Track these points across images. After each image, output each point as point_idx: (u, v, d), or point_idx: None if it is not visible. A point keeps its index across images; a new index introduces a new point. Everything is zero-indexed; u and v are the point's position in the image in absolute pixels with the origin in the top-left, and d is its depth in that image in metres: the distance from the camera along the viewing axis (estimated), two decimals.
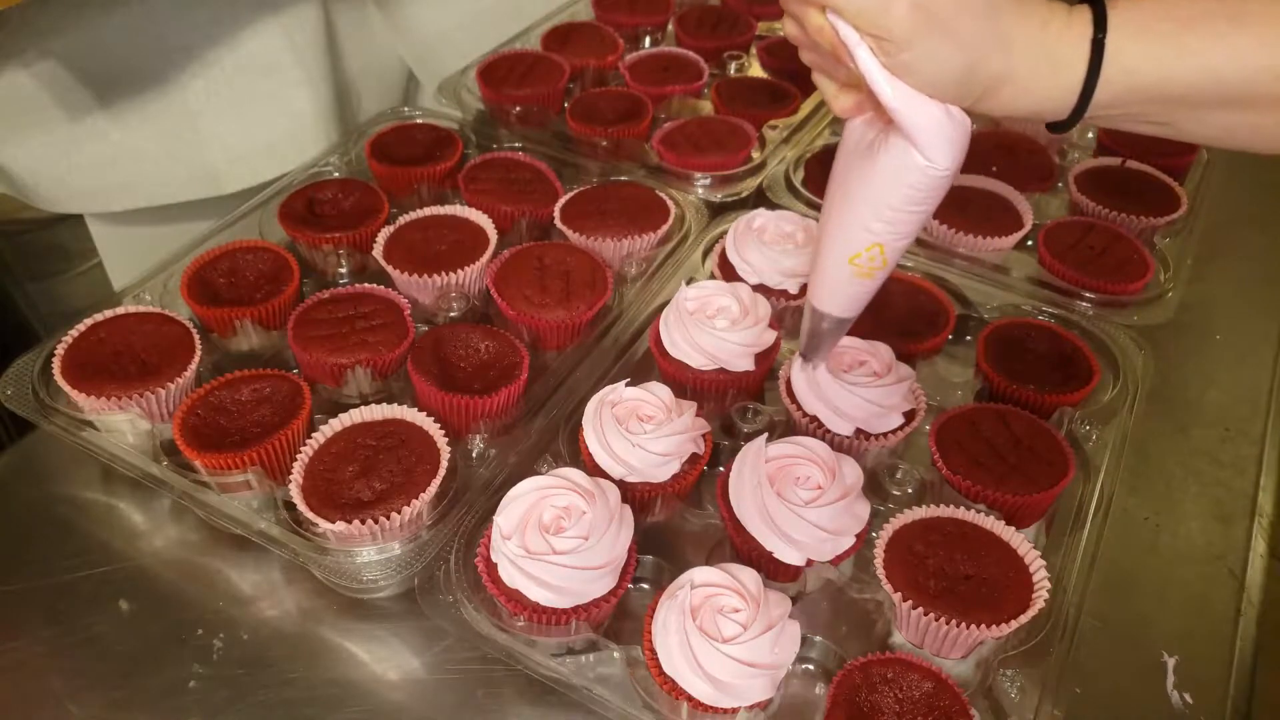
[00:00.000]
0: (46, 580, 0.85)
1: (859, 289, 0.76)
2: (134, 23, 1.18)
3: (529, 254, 1.05)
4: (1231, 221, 1.26)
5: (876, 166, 0.68)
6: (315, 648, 0.80)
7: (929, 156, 0.65)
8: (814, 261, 0.78)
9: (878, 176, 0.68)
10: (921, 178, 0.66)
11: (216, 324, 0.99)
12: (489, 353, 0.95)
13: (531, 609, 0.73)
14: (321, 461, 0.83)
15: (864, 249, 0.72)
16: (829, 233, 0.74)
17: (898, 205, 0.68)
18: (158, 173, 1.28)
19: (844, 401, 0.86)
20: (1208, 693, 0.78)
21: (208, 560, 0.86)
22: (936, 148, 0.65)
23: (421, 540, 0.81)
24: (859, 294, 0.76)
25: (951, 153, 0.65)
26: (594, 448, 0.83)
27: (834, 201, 0.73)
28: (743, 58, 1.49)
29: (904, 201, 0.68)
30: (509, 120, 1.32)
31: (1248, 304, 1.16)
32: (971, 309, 1.07)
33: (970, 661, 0.76)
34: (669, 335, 0.94)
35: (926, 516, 0.81)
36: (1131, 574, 0.86)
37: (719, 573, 0.73)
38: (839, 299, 0.77)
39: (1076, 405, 0.94)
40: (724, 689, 0.67)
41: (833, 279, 0.76)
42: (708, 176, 1.22)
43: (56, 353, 0.91)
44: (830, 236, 0.74)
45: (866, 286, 0.75)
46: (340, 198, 1.14)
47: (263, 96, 1.30)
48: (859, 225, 0.71)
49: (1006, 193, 1.18)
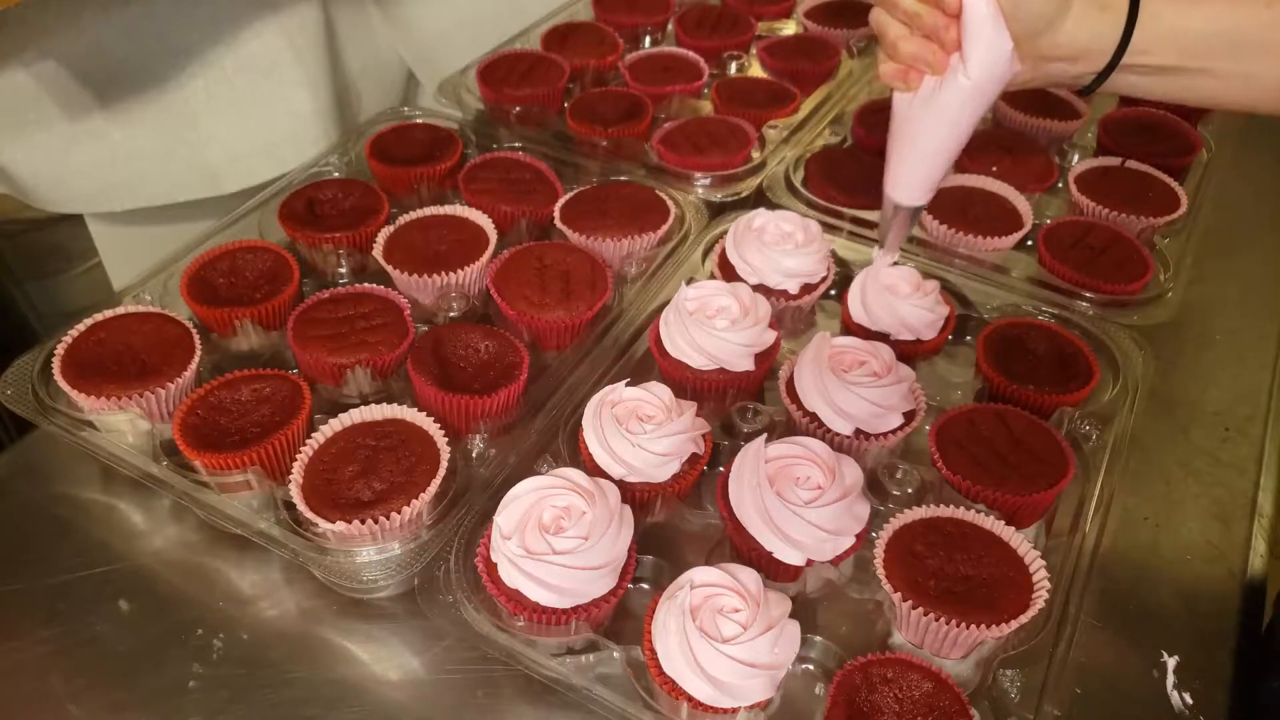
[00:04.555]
0: (46, 580, 0.85)
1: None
2: (134, 23, 1.18)
3: (529, 254, 1.05)
4: (1231, 221, 1.26)
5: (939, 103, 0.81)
6: (315, 648, 0.80)
7: (972, 73, 0.77)
8: (895, 167, 0.90)
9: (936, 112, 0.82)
10: (969, 98, 0.80)
11: (216, 324, 0.99)
12: (489, 353, 0.95)
13: (531, 609, 0.73)
14: (321, 461, 0.83)
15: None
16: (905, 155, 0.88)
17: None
18: (158, 173, 1.28)
19: (844, 401, 0.86)
20: (1208, 693, 0.78)
21: (208, 560, 0.86)
22: (984, 68, 0.77)
23: (421, 540, 0.81)
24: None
25: (995, 77, 0.78)
26: (594, 448, 0.83)
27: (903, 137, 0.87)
28: (743, 58, 1.49)
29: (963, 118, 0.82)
30: (509, 120, 1.32)
31: (1248, 304, 1.16)
32: (971, 309, 1.07)
33: (970, 661, 0.76)
34: (669, 335, 0.94)
35: (926, 516, 0.81)
36: (1131, 574, 0.86)
37: (719, 573, 0.73)
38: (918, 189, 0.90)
39: (1076, 405, 0.94)
40: (724, 689, 0.67)
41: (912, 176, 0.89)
42: (708, 176, 1.22)
43: (56, 353, 0.91)
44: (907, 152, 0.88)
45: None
46: (340, 198, 1.14)
47: (263, 96, 1.30)
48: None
49: (1006, 193, 1.18)
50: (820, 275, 1.06)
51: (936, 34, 0.78)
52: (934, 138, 0.84)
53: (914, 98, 0.83)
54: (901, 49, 0.80)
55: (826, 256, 1.06)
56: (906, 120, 0.85)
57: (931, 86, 0.81)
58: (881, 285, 1.00)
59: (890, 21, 0.81)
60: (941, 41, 0.78)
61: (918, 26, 0.79)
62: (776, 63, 1.44)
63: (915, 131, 0.85)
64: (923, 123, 0.84)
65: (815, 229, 1.07)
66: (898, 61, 0.82)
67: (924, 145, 0.85)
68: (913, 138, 0.85)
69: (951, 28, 0.77)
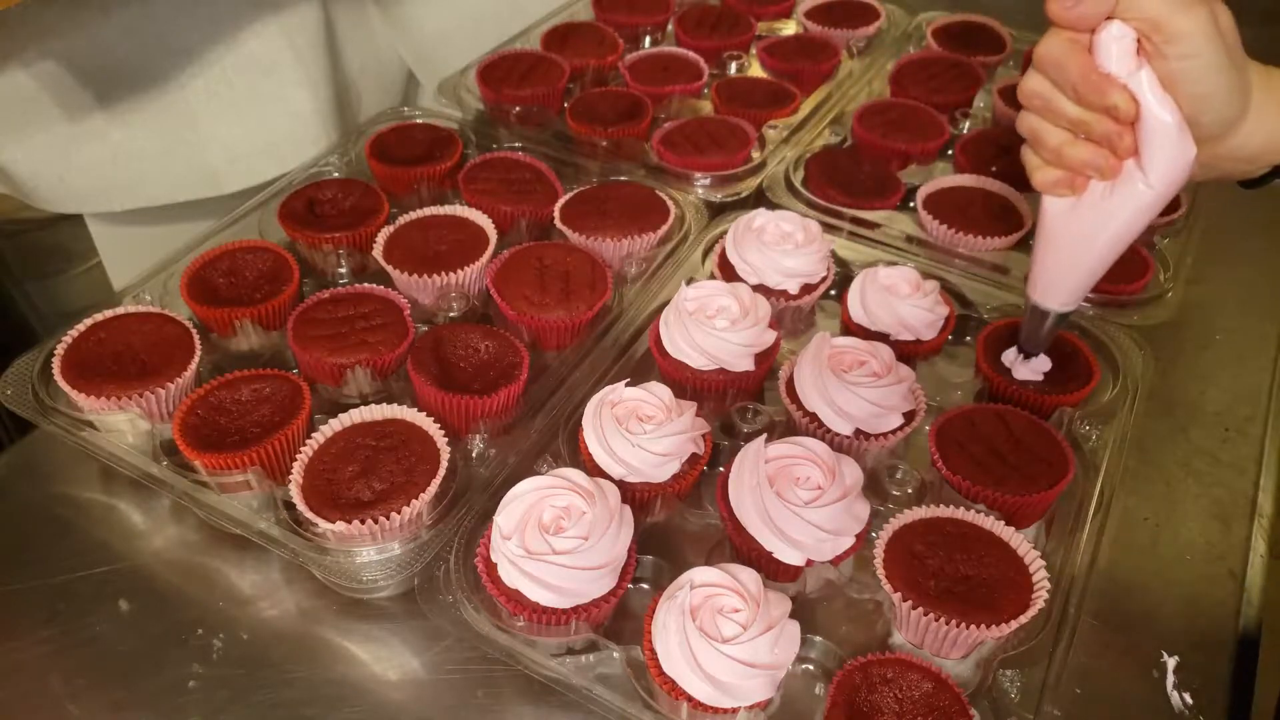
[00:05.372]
0: (46, 580, 0.85)
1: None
2: (134, 23, 1.18)
3: (529, 254, 1.05)
4: (1231, 222, 1.26)
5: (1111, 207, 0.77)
6: (315, 648, 0.80)
7: (1155, 182, 0.73)
8: (1048, 271, 0.85)
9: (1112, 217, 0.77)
10: (1147, 206, 0.75)
11: (216, 324, 0.99)
12: (489, 353, 0.95)
13: (531, 609, 0.73)
14: (321, 461, 0.83)
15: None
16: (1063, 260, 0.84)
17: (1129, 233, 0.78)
18: (158, 173, 1.28)
19: (844, 401, 0.86)
20: (1208, 693, 0.78)
21: (208, 560, 0.86)
22: (1169, 177, 0.73)
23: (421, 540, 0.81)
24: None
25: (1177, 184, 0.74)
26: (594, 448, 0.83)
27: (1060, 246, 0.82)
28: (743, 58, 1.49)
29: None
30: (509, 120, 1.32)
31: (1248, 304, 1.16)
32: (971, 309, 1.07)
33: (970, 661, 0.76)
34: (669, 335, 0.94)
35: (926, 517, 0.81)
36: (1131, 574, 0.86)
37: (719, 573, 0.73)
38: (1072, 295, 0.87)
39: (1076, 405, 0.94)
40: (724, 689, 0.67)
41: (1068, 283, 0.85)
42: (707, 176, 1.22)
43: (56, 353, 0.91)
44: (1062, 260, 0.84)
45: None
46: (340, 198, 1.14)
47: (263, 96, 1.30)
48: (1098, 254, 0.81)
49: (1006, 193, 1.18)
50: (820, 275, 1.06)
51: (1109, 140, 0.73)
52: (1102, 244, 0.79)
53: (1075, 204, 0.78)
54: (1069, 154, 0.75)
55: (826, 256, 1.06)
56: (1065, 226, 0.80)
57: (1100, 192, 0.76)
58: (881, 285, 1.00)
59: (1049, 128, 0.76)
60: (1115, 148, 0.73)
61: (1086, 134, 0.74)
62: (776, 63, 1.44)
63: (1078, 237, 0.80)
64: (1088, 228, 0.78)
65: (815, 229, 1.07)
66: (1063, 167, 0.77)
67: (1088, 251, 0.80)
68: (1074, 244, 0.80)
69: (1126, 134, 0.72)
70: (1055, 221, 0.81)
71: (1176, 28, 0.67)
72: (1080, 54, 0.71)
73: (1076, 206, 0.78)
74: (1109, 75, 0.70)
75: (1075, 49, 0.71)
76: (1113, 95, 0.70)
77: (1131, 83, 0.70)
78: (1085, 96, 0.72)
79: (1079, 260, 0.81)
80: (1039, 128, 0.77)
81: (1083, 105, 0.73)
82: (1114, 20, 0.69)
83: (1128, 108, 0.70)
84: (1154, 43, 0.69)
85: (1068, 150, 0.75)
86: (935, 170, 1.31)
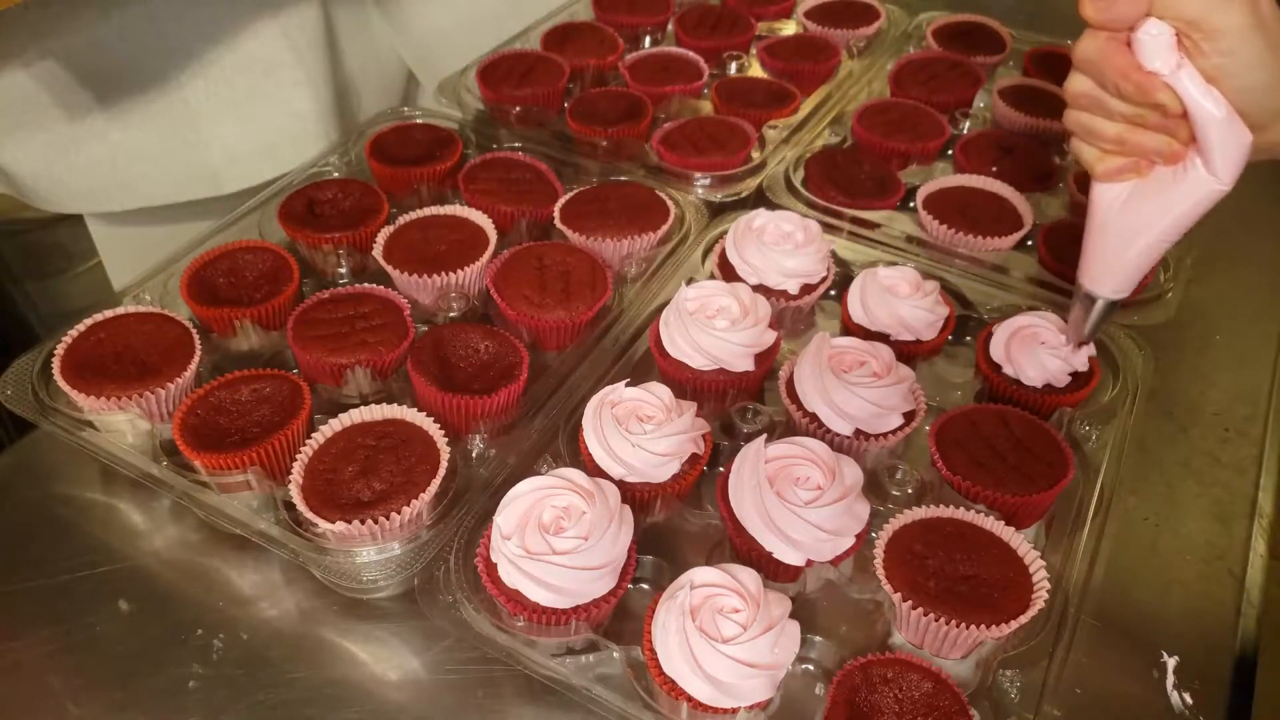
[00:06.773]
0: (46, 580, 0.85)
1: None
2: (134, 23, 1.18)
3: (529, 254, 1.05)
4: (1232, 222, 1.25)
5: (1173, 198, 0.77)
6: (315, 648, 0.80)
7: (1217, 172, 0.73)
8: (1101, 257, 0.85)
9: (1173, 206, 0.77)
10: (1209, 195, 0.75)
11: (216, 324, 0.99)
12: (489, 353, 0.95)
13: (531, 609, 0.73)
14: (321, 461, 0.83)
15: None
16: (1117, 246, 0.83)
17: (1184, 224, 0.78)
18: (158, 173, 1.28)
19: (844, 402, 0.86)
20: (1208, 693, 0.78)
21: (208, 560, 0.86)
22: (1233, 165, 0.73)
23: (421, 540, 0.81)
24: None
25: (1238, 171, 0.73)
26: (594, 448, 0.83)
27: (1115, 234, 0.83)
28: (743, 58, 1.49)
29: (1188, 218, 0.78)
30: (509, 120, 1.32)
31: (1248, 304, 1.16)
32: (971, 309, 1.07)
33: (970, 661, 0.76)
34: (669, 335, 0.94)
35: (926, 517, 0.81)
36: (1131, 574, 0.86)
37: (719, 573, 0.73)
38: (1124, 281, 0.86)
39: (1076, 405, 0.94)
40: (724, 689, 0.67)
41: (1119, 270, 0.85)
42: (707, 176, 1.22)
43: (56, 353, 0.91)
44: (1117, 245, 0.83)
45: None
46: (340, 198, 1.14)
47: (263, 96, 1.30)
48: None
49: (1006, 193, 1.18)
50: (820, 275, 1.06)
51: (1167, 129, 0.74)
52: (1160, 231, 0.79)
53: (1131, 191, 0.79)
54: (1135, 140, 0.76)
55: (826, 257, 1.06)
56: (1121, 213, 0.80)
57: (1163, 179, 0.77)
58: (881, 285, 1.00)
59: (1102, 121, 0.77)
60: (1174, 134, 0.74)
61: (1142, 125, 0.75)
62: (776, 63, 1.44)
63: (1136, 224, 0.80)
64: (1147, 216, 0.79)
65: (815, 229, 1.07)
66: (1127, 154, 0.77)
67: (1146, 238, 0.80)
68: (1131, 231, 0.80)
69: (1180, 125, 0.73)
70: (1110, 209, 0.81)
71: (1215, 25, 0.67)
72: (1119, 54, 0.71)
73: (1133, 194, 0.79)
74: (1150, 74, 0.70)
75: (1113, 49, 0.71)
76: (1157, 93, 0.70)
77: (1173, 80, 0.70)
78: (1130, 96, 0.72)
79: (1135, 247, 0.81)
80: (1091, 123, 0.78)
81: (1129, 103, 0.73)
82: (1151, 18, 0.69)
83: (1174, 104, 0.71)
84: (1193, 40, 0.69)
85: (1132, 137, 0.76)
86: (935, 170, 1.31)
